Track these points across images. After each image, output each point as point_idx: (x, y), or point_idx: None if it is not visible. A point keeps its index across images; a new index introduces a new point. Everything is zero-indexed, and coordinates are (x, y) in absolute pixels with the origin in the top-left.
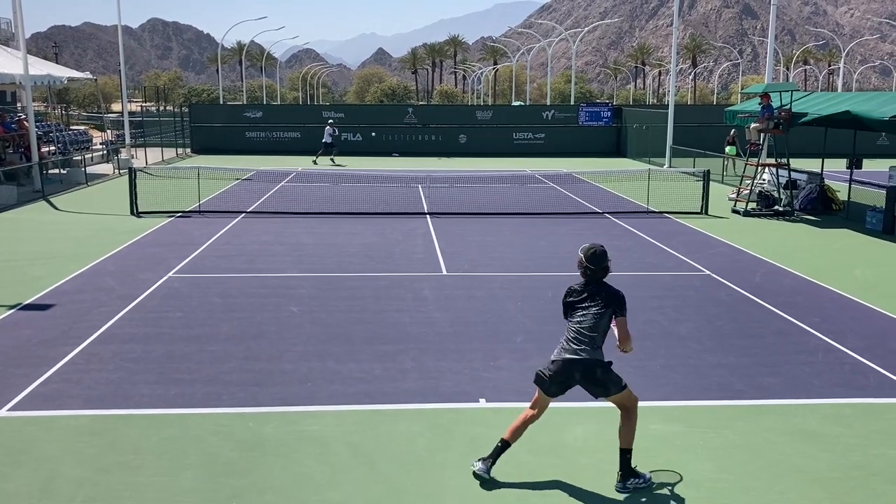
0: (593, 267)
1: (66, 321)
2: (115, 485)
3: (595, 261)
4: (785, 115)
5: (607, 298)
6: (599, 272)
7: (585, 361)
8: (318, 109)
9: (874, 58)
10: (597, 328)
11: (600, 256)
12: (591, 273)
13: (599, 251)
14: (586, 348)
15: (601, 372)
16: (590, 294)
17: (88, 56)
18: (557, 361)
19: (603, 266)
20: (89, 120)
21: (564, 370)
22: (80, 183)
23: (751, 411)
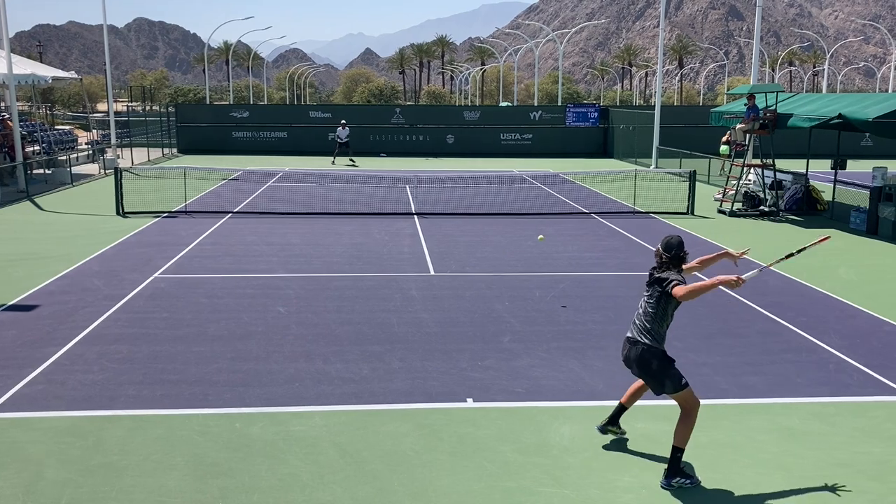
0: (667, 255)
1: (50, 322)
2: (100, 486)
3: (667, 249)
4: (770, 115)
5: (654, 282)
6: (673, 261)
7: (635, 341)
8: (305, 109)
9: (858, 59)
10: (651, 310)
11: (674, 245)
12: (663, 262)
13: (674, 241)
14: (638, 330)
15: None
16: (650, 281)
17: (73, 55)
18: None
19: (677, 255)
20: (74, 120)
21: (625, 351)
22: (66, 183)
23: (736, 410)
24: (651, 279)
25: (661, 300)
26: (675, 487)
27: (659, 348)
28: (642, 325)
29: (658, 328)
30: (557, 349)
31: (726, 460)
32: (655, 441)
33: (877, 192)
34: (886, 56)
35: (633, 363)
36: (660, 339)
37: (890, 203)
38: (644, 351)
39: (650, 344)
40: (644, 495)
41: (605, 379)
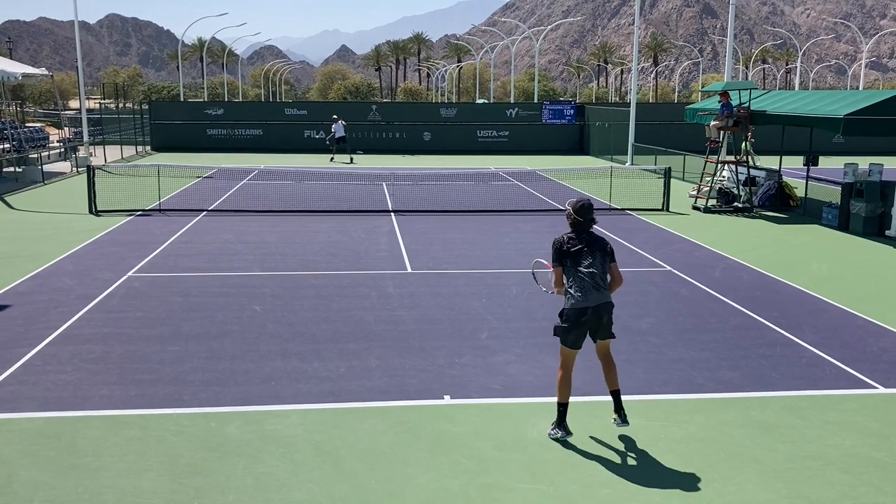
0: (581, 218)
1: (22, 322)
2: (73, 488)
3: (583, 212)
4: (743, 112)
5: (602, 248)
6: (586, 223)
7: (609, 303)
8: (281, 107)
9: (830, 57)
10: (605, 274)
11: (588, 208)
12: (581, 223)
13: (587, 204)
14: (607, 292)
15: (612, 313)
16: (588, 244)
17: (44, 52)
18: (588, 308)
19: (590, 217)
20: (46, 117)
21: (596, 314)
22: (37, 181)
23: (711, 404)
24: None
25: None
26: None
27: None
28: (605, 284)
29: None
30: (534, 345)
31: (701, 454)
32: (633, 436)
33: (848, 189)
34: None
35: (604, 319)
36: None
37: (861, 199)
38: (611, 304)
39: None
40: (621, 490)
41: (582, 374)
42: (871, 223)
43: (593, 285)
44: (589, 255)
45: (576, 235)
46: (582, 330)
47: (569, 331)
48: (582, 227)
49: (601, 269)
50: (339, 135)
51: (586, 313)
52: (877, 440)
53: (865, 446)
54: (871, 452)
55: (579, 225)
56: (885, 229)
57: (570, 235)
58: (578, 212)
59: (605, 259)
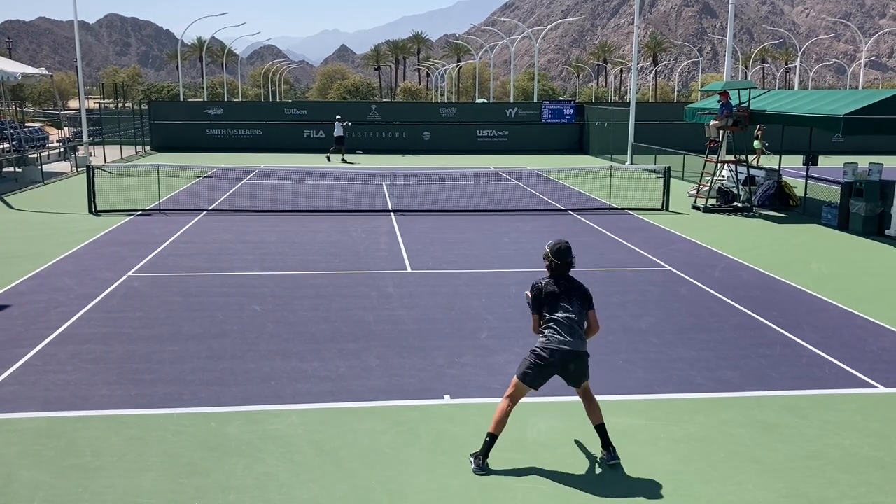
0: (559, 262)
1: (22, 322)
2: (73, 487)
3: (561, 256)
4: (743, 112)
5: (582, 294)
6: (564, 267)
7: (581, 353)
8: (280, 106)
9: (829, 56)
10: (582, 321)
11: (565, 252)
12: (557, 267)
13: (564, 247)
14: (581, 341)
15: (587, 362)
16: (566, 289)
17: (44, 52)
18: (556, 351)
19: (568, 261)
20: (45, 117)
21: (562, 360)
22: (36, 181)
23: (711, 404)
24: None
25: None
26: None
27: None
28: (581, 332)
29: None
30: (534, 345)
31: (700, 454)
32: (630, 436)
33: (848, 188)
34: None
35: (572, 368)
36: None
37: (861, 198)
38: (587, 356)
39: (586, 349)
40: (620, 490)
41: None
42: (871, 222)
43: (569, 332)
44: (567, 302)
45: (554, 280)
46: (544, 372)
47: (532, 369)
48: (560, 272)
49: (578, 316)
50: (338, 134)
51: (554, 356)
52: (877, 439)
53: (865, 446)
54: (870, 452)
55: (558, 269)
56: (884, 229)
57: (548, 280)
58: (556, 255)
59: (583, 306)
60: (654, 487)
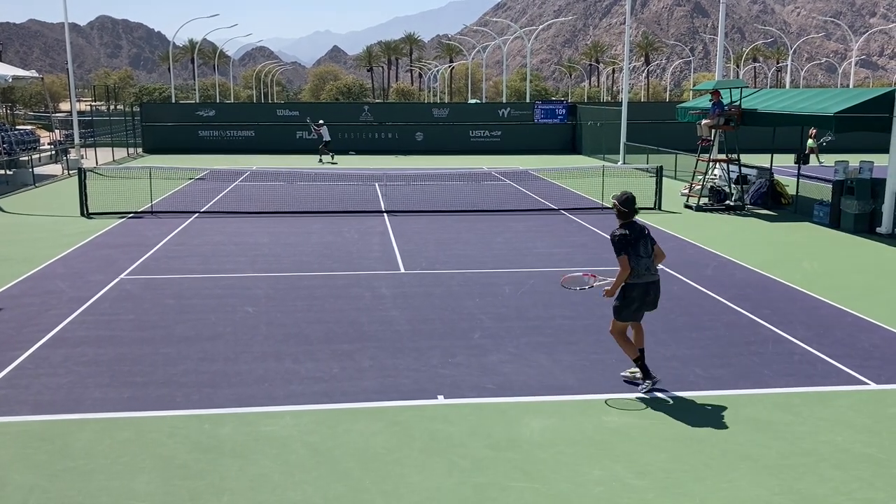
0: (627, 210)
1: (13, 325)
2: (66, 490)
3: (628, 204)
4: (735, 111)
5: (649, 235)
6: (632, 213)
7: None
8: (272, 108)
9: (820, 55)
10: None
11: (632, 201)
12: (627, 214)
13: (630, 196)
14: (657, 272)
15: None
16: (640, 232)
17: (34, 54)
18: (651, 284)
19: (634, 208)
20: (36, 119)
21: (656, 290)
22: (27, 184)
23: (703, 402)
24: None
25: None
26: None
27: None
28: (656, 268)
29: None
30: (527, 344)
31: (693, 451)
32: (625, 434)
33: (839, 186)
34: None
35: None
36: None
37: (852, 196)
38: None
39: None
40: (615, 488)
41: (575, 373)
42: (862, 220)
43: (649, 266)
44: (644, 242)
45: (629, 226)
46: (647, 307)
47: (637, 308)
48: (630, 218)
49: (651, 252)
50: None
51: (650, 291)
52: (868, 436)
53: (857, 442)
54: (862, 448)
55: (627, 216)
56: (875, 226)
57: (625, 227)
58: (625, 204)
59: (651, 243)
60: (647, 486)
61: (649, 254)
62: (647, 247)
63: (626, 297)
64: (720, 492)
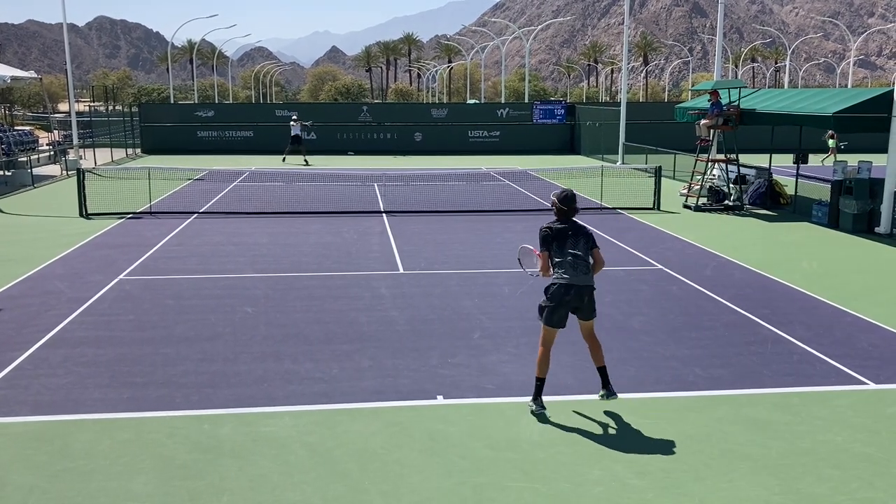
0: (566, 207)
1: (13, 326)
2: (66, 491)
3: (567, 202)
4: (733, 111)
5: (586, 234)
6: (570, 212)
7: (591, 286)
8: (271, 108)
9: (818, 55)
10: (588, 258)
11: (571, 198)
12: (563, 212)
13: (570, 194)
14: (589, 276)
15: (594, 296)
16: (573, 230)
17: (33, 55)
18: (571, 287)
19: (573, 207)
20: (35, 120)
21: (579, 293)
22: (26, 185)
23: (703, 402)
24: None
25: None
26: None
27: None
28: (588, 267)
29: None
30: (527, 345)
31: (693, 451)
32: (624, 434)
33: (838, 186)
34: (845, 52)
35: (584, 301)
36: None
37: (850, 196)
38: (593, 287)
39: (593, 284)
40: (615, 487)
41: (574, 373)
42: (861, 220)
43: (575, 267)
44: (573, 240)
45: (561, 223)
46: (565, 309)
47: (553, 309)
48: (566, 216)
49: (584, 252)
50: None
51: (570, 292)
52: (867, 435)
53: (856, 442)
54: (861, 448)
55: (563, 213)
56: (874, 226)
57: (556, 223)
58: (563, 201)
59: (587, 244)
60: (647, 485)
61: (577, 255)
62: (578, 248)
63: (545, 296)
64: (720, 491)
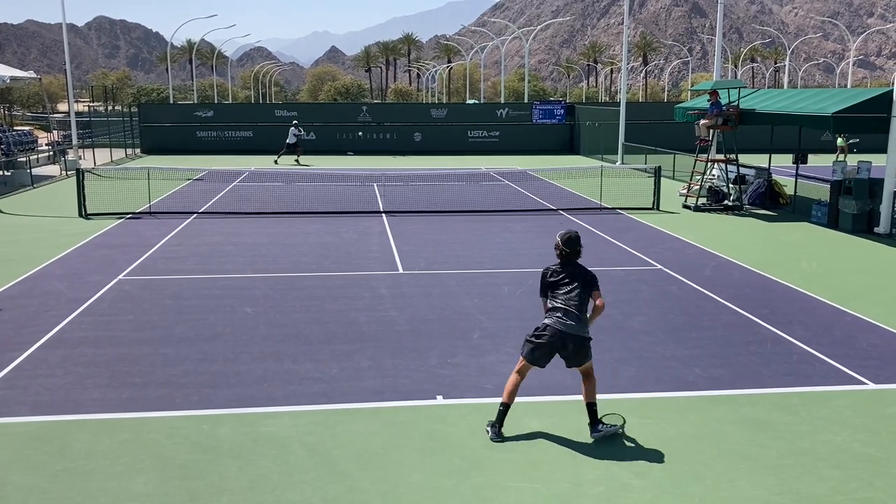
0: (568, 250)
1: (12, 326)
2: (65, 491)
3: (569, 244)
4: (733, 111)
5: (583, 279)
6: (572, 255)
7: (577, 336)
8: (271, 108)
9: (818, 55)
10: (583, 305)
11: (573, 241)
12: (566, 255)
13: (574, 236)
14: (580, 324)
15: (586, 345)
16: (569, 274)
17: (32, 55)
18: (556, 333)
19: (576, 249)
20: (34, 120)
21: (561, 340)
22: (25, 185)
23: (703, 402)
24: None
25: (587, 294)
26: (602, 433)
27: (588, 334)
28: (579, 317)
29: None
30: None
31: (693, 451)
32: (624, 434)
33: (837, 186)
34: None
35: (569, 349)
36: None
37: (850, 196)
38: (585, 339)
39: (586, 333)
40: (614, 488)
41: (573, 373)
42: (860, 220)
43: (567, 315)
44: (569, 286)
45: (561, 266)
46: (544, 351)
47: (535, 347)
48: (567, 258)
49: (578, 300)
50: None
51: (553, 337)
52: (867, 435)
53: (856, 442)
54: (861, 448)
55: (565, 256)
56: (873, 226)
57: (556, 266)
58: (566, 244)
59: (584, 290)
60: (646, 485)
61: (570, 302)
62: (571, 294)
63: (531, 338)
64: (719, 492)
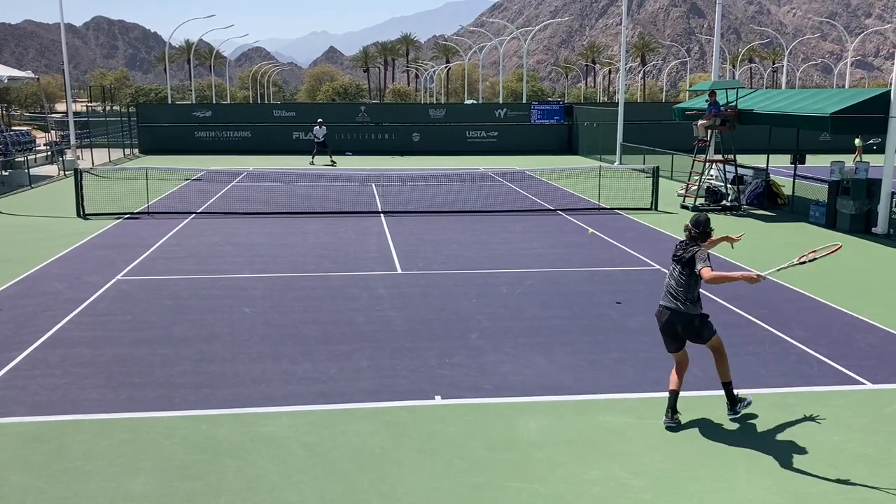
0: (697, 230)
1: (10, 326)
2: (63, 492)
3: (699, 225)
4: (731, 111)
5: (681, 259)
6: (699, 236)
7: (680, 312)
8: (269, 108)
9: (816, 56)
10: (682, 285)
11: (702, 223)
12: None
13: (703, 218)
14: (678, 302)
15: (696, 322)
16: (678, 255)
17: (30, 55)
18: (660, 313)
19: (694, 230)
20: (32, 120)
21: (668, 321)
22: (23, 185)
23: (701, 402)
24: (682, 259)
25: (692, 276)
26: (739, 413)
27: (696, 312)
28: (678, 295)
29: (692, 296)
30: (524, 345)
31: (691, 451)
32: (621, 434)
33: (835, 186)
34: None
35: (677, 326)
36: (695, 303)
37: (848, 197)
38: (687, 316)
39: (690, 312)
40: (612, 487)
41: (572, 373)
42: (858, 221)
43: (665, 294)
44: (673, 266)
45: (677, 248)
46: (664, 335)
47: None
48: (694, 240)
49: (675, 279)
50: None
51: (662, 317)
52: (864, 435)
53: (853, 442)
54: (858, 448)
55: (692, 238)
56: (871, 227)
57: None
58: (695, 224)
59: (682, 270)
60: (645, 485)
61: (668, 283)
62: (673, 274)
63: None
64: (717, 491)
